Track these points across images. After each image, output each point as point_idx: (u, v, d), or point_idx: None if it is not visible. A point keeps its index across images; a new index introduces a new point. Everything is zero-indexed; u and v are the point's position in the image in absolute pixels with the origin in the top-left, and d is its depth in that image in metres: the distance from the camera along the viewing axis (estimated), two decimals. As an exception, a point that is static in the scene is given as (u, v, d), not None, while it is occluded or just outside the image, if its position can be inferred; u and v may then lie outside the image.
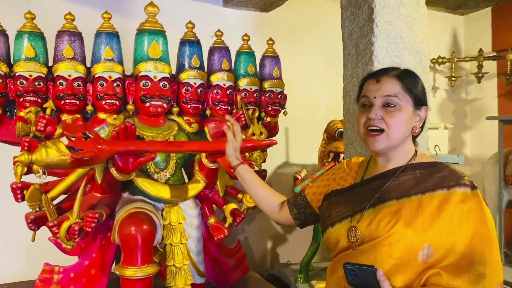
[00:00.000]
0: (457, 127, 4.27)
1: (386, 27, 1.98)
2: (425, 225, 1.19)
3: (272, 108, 2.45)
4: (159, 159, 2.05)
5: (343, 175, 1.46)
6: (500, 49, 4.01)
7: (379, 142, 1.26)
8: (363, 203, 1.31)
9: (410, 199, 1.24)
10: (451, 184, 1.23)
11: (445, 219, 1.19)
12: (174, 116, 2.22)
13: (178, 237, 2.01)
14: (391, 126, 1.24)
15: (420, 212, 1.21)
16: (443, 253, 1.18)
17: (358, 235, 1.26)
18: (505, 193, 3.12)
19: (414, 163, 1.32)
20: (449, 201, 1.21)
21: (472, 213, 1.20)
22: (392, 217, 1.22)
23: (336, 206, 1.38)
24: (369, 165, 1.42)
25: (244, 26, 3.27)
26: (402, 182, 1.29)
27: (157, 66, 2.08)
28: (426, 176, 1.28)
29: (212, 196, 2.27)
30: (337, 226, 1.34)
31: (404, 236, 1.19)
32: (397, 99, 1.25)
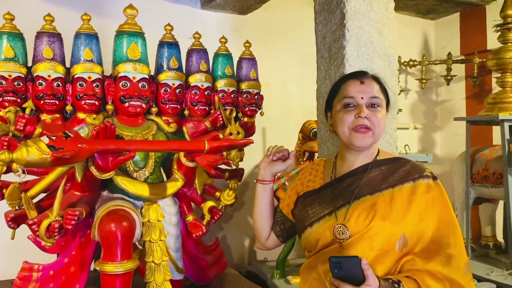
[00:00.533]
0: (428, 127, 4.43)
1: (357, 32, 2.08)
2: (400, 216, 1.30)
3: (249, 109, 2.53)
4: (138, 158, 2.10)
5: (311, 178, 1.51)
6: (468, 53, 4.19)
7: (367, 139, 1.34)
8: (339, 201, 1.38)
9: (383, 194, 1.34)
10: (415, 176, 1.35)
11: (416, 209, 1.31)
12: (153, 116, 2.27)
13: (157, 234, 2.06)
14: (376, 125, 1.34)
15: (394, 205, 1.31)
16: (415, 240, 1.29)
17: (347, 232, 1.32)
18: (472, 190, 3.27)
19: (378, 160, 1.43)
20: (416, 192, 1.32)
21: (436, 201, 1.32)
22: (369, 212, 1.31)
23: (311, 206, 1.43)
24: (336, 165, 1.49)
25: (222, 28, 3.35)
26: (371, 178, 1.38)
27: (136, 67, 2.13)
28: (392, 171, 1.38)
29: (190, 194, 2.33)
30: (316, 226, 1.39)
31: (383, 228, 1.28)
32: (379, 99, 1.36)
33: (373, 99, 1.35)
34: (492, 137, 3.98)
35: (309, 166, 1.56)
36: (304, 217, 1.43)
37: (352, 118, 1.35)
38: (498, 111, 3.13)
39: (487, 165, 3.17)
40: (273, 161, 1.51)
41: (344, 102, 1.38)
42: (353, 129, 1.35)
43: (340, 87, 1.42)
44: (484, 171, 3.19)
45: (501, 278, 2.84)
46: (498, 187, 3.08)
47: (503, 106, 3.17)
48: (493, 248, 3.42)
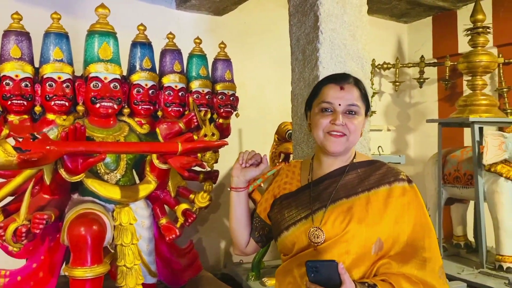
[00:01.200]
0: (401, 129, 4.50)
1: (331, 34, 2.09)
2: (376, 219, 1.30)
3: (224, 110, 2.52)
4: (109, 160, 2.06)
5: (287, 180, 1.50)
6: (440, 56, 4.28)
7: (340, 145, 1.34)
8: (315, 204, 1.37)
9: (359, 197, 1.34)
10: (391, 180, 1.36)
11: (392, 212, 1.31)
12: (125, 117, 2.23)
13: (129, 238, 2.03)
14: (351, 132, 1.33)
15: (370, 208, 1.31)
16: (390, 243, 1.29)
17: (323, 236, 1.31)
18: (444, 191, 3.33)
19: (355, 163, 1.43)
20: (392, 195, 1.33)
21: (411, 204, 1.33)
22: (346, 215, 1.31)
23: (288, 209, 1.42)
24: (313, 167, 1.49)
25: (197, 29, 3.32)
26: (347, 181, 1.38)
27: (107, 67, 2.09)
28: (368, 174, 1.39)
29: (163, 197, 2.30)
30: (293, 230, 1.37)
31: (359, 232, 1.28)
32: (357, 107, 1.34)
33: (351, 106, 1.34)
34: (463, 138, 4.07)
35: (285, 168, 1.55)
36: (280, 220, 1.42)
37: (327, 123, 1.35)
38: (468, 113, 3.20)
39: (458, 166, 3.24)
40: (246, 167, 1.47)
41: (321, 106, 1.37)
42: (327, 133, 1.35)
43: (321, 89, 1.40)
44: (455, 172, 3.25)
45: (471, 277, 2.89)
46: (469, 188, 3.14)
47: (473, 108, 3.24)
48: (464, 247, 3.48)
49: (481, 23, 3.27)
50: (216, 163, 2.42)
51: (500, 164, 2.90)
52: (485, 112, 3.22)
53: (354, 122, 1.34)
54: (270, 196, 1.50)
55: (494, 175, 2.95)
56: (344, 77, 1.40)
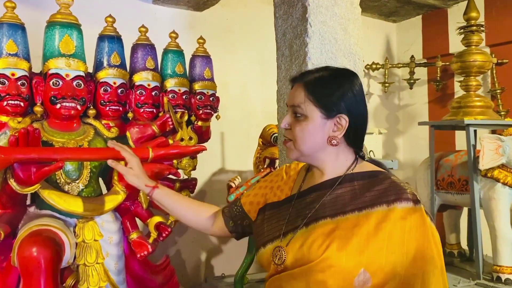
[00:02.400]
0: (390, 132, 4.34)
1: (320, 27, 1.89)
2: (361, 246, 1.05)
3: (203, 112, 2.29)
4: (70, 168, 1.82)
5: (281, 184, 1.30)
6: (430, 56, 4.12)
7: (289, 152, 1.19)
8: (297, 220, 1.16)
9: (346, 218, 1.10)
10: (390, 199, 1.10)
11: (384, 238, 1.06)
12: (90, 120, 1.98)
13: (94, 256, 1.78)
14: (295, 137, 1.17)
15: (356, 232, 1.07)
16: (382, 278, 1.05)
17: (283, 257, 1.12)
18: (437, 197, 3.17)
19: (353, 173, 1.18)
20: (388, 218, 1.08)
21: (414, 230, 1.07)
22: (325, 239, 1.08)
23: (269, 222, 1.23)
24: (307, 174, 1.28)
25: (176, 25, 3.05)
26: (338, 196, 1.15)
27: (69, 63, 1.84)
28: (365, 189, 1.14)
29: (134, 209, 2.06)
30: (269, 247, 1.18)
31: (338, 261, 1.05)
32: (300, 108, 1.15)
33: (294, 107, 1.17)
34: (455, 142, 3.92)
35: (285, 168, 1.35)
36: (260, 233, 1.24)
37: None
38: (463, 116, 3.04)
39: (452, 171, 3.07)
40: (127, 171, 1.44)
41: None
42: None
43: None
44: (449, 178, 3.09)
45: (468, 289, 2.73)
46: (464, 194, 2.98)
47: (467, 110, 3.07)
48: (458, 256, 3.33)
49: (475, 21, 3.11)
50: (194, 170, 2.19)
51: (497, 169, 2.74)
52: (480, 114, 3.06)
53: (298, 125, 1.16)
54: (261, 196, 1.32)
55: (490, 181, 2.79)
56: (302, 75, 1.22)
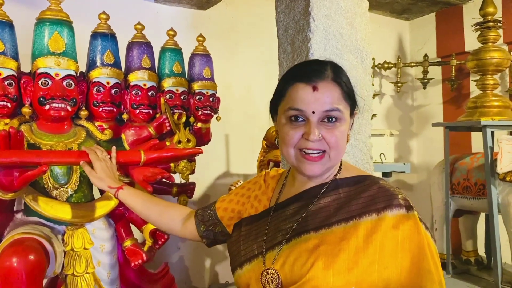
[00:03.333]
0: (404, 134, 4.18)
1: (324, 22, 1.77)
2: (350, 262, 0.92)
3: (203, 113, 2.17)
4: (59, 172, 1.72)
5: (258, 194, 1.15)
6: (445, 55, 3.96)
7: (319, 166, 1.00)
8: (277, 236, 1.02)
9: (331, 230, 0.97)
10: (380, 206, 0.97)
11: (375, 251, 0.93)
12: (83, 121, 1.89)
13: (83, 266, 1.68)
14: (333, 147, 0.98)
15: (343, 247, 0.94)
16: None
17: (278, 280, 0.98)
18: (452, 202, 3.02)
19: (337, 180, 1.05)
20: (378, 229, 0.94)
21: (408, 241, 0.95)
22: (309, 256, 0.95)
23: (245, 240, 1.09)
24: (286, 183, 1.13)
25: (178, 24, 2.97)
26: (322, 207, 1.02)
27: (59, 61, 1.75)
28: (351, 197, 1.01)
29: (128, 215, 1.95)
30: (246, 268, 1.05)
31: (324, 281, 0.92)
32: (338, 112, 0.98)
33: (330, 112, 0.97)
34: (471, 144, 3.75)
35: (264, 176, 1.20)
36: (236, 253, 1.09)
37: (299, 137, 0.99)
38: (479, 116, 2.88)
39: (468, 174, 2.92)
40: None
41: (289, 114, 0.99)
42: (300, 151, 0.99)
43: (287, 90, 1.01)
44: (465, 181, 2.93)
45: (485, 299, 2.58)
46: (481, 199, 2.83)
47: (484, 110, 2.92)
48: (475, 263, 3.18)
49: (492, 16, 2.95)
50: (192, 174, 2.08)
51: (516, 173, 2.58)
52: (497, 115, 2.90)
53: (335, 133, 0.98)
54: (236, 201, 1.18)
55: (509, 185, 2.63)
56: (317, 72, 1.00)
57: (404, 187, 4.02)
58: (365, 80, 1.88)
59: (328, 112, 0.97)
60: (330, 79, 0.99)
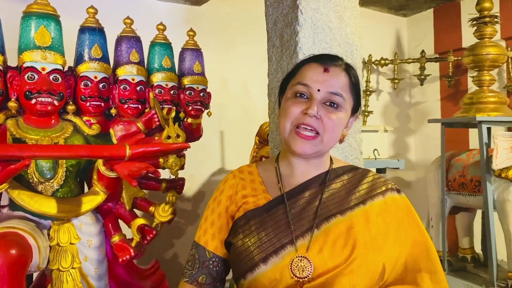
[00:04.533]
0: (401, 131, 4.15)
1: (312, 15, 1.74)
2: (380, 242, 1.01)
3: (193, 108, 2.16)
4: (45, 166, 1.71)
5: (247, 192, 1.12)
6: (442, 51, 3.93)
7: (310, 147, 1.03)
8: (302, 224, 1.03)
9: (355, 213, 1.04)
10: (382, 190, 1.09)
11: (391, 231, 1.04)
12: (70, 116, 1.88)
13: (69, 261, 1.67)
14: (327, 130, 1.02)
15: (372, 227, 1.02)
16: (390, 268, 1.02)
17: (310, 267, 0.97)
18: (448, 199, 2.99)
19: (336, 169, 1.14)
20: (388, 209, 1.06)
21: (406, 219, 1.07)
22: (347, 238, 1.00)
23: (265, 231, 1.03)
24: (281, 174, 1.14)
25: (173, 20, 2.96)
26: (334, 192, 1.08)
27: (45, 55, 1.74)
28: (354, 183, 1.10)
29: (116, 210, 1.94)
30: (274, 262, 0.99)
31: (367, 259, 0.98)
32: (341, 98, 1.03)
33: (333, 96, 1.03)
34: (468, 140, 3.72)
35: (237, 175, 1.17)
36: (253, 248, 1.02)
37: (298, 112, 1.03)
38: (475, 112, 2.86)
39: (464, 171, 2.89)
40: None
41: (295, 89, 1.06)
42: (295, 127, 1.03)
43: (299, 68, 1.10)
44: (461, 178, 2.91)
45: (481, 297, 2.56)
46: (476, 195, 2.80)
47: (480, 106, 2.89)
48: (471, 261, 3.15)
49: (488, 11, 2.92)
50: (182, 169, 2.06)
51: (512, 169, 2.55)
52: (493, 111, 2.87)
53: (333, 117, 1.02)
54: (223, 216, 1.12)
55: (505, 182, 2.60)
56: (333, 58, 1.10)
57: (402, 184, 4.00)
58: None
59: (332, 95, 1.03)
60: (342, 67, 1.08)
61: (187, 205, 3.17)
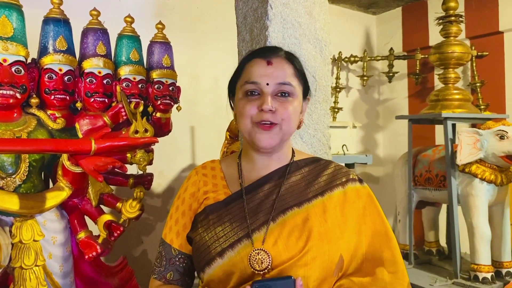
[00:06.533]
0: (370, 127, 4.23)
1: (282, 10, 1.75)
2: (337, 232, 1.02)
3: (162, 102, 2.13)
4: (6, 161, 1.65)
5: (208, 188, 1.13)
6: (410, 49, 4.02)
7: (272, 138, 1.04)
8: (258, 217, 1.04)
9: (312, 204, 1.05)
10: (343, 180, 1.10)
11: (350, 221, 1.04)
12: (34, 110, 1.82)
13: (32, 258, 1.63)
14: (285, 119, 1.04)
15: (329, 218, 1.03)
16: (349, 260, 1.03)
17: (269, 259, 0.98)
18: (415, 193, 3.06)
19: (297, 161, 1.14)
20: (347, 200, 1.07)
21: (367, 209, 1.08)
22: (302, 230, 1.00)
23: (221, 226, 1.05)
24: (242, 168, 1.15)
25: (142, 14, 2.91)
26: (293, 184, 1.08)
27: (7, 46, 1.67)
28: (315, 175, 1.11)
29: (82, 206, 1.90)
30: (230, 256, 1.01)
31: (321, 250, 0.98)
32: (291, 86, 1.05)
33: (283, 86, 1.05)
34: (434, 136, 3.82)
35: (200, 171, 1.18)
36: (211, 242, 1.04)
37: (255, 110, 1.04)
38: (441, 109, 2.93)
39: (430, 166, 2.97)
40: None
41: (245, 88, 1.06)
42: (256, 123, 1.04)
43: (244, 67, 1.10)
44: (427, 173, 2.98)
45: (445, 289, 2.63)
46: (441, 190, 2.88)
47: (446, 103, 2.97)
48: (436, 254, 3.24)
49: (454, 10, 3.00)
50: (150, 165, 2.02)
51: (475, 164, 2.63)
52: (458, 108, 2.96)
53: (287, 106, 1.05)
54: (186, 214, 1.13)
55: (468, 176, 2.68)
56: (273, 50, 1.11)
57: (370, 180, 4.07)
58: (324, 70, 1.87)
59: (281, 86, 1.04)
60: (283, 56, 1.09)
61: (156, 202, 3.13)
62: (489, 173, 2.59)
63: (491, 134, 2.56)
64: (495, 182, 2.58)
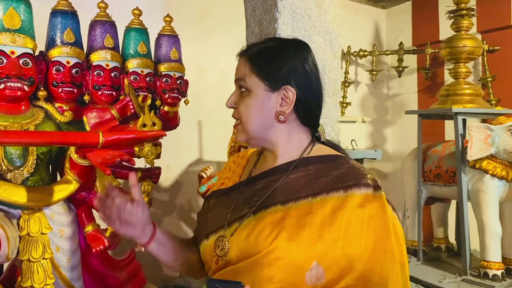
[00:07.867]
0: (379, 122, 4.19)
1: (292, 2, 1.73)
2: (314, 236, 0.93)
3: (170, 96, 2.11)
4: (14, 154, 1.65)
5: (229, 174, 1.20)
6: (420, 44, 3.97)
7: (240, 133, 1.09)
8: (244, 208, 1.05)
9: (298, 204, 0.99)
10: (349, 184, 0.99)
11: (340, 228, 0.94)
12: (41, 102, 1.81)
13: (40, 251, 1.62)
14: (241, 115, 1.07)
15: (309, 221, 0.95)
16: (337, 273, 0.92)
17: (226, 248, 1.00)
18: (424, 189, 3.03)
19: (308, 157, 1.07)
20: (345, 205, 0.96)
21: (373, 220, 0.96)
22: (274, 228, 0.96)
23: (213, 211, 1.12)
24: (259, 160, 1.17)
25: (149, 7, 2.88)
26: (291, 181, 1.04)
27: (15, 39, 1.66)
28: (321, 174, 1.03)
29: (90, 200, 1.89)
30: (212, 238, 1.07)
31: (287, 252, 0.93)
32: (244, 82, 1.07)
33: (239, 81, 1.10)
34: (444, 132, 3.78)
35: (233, 158, 1.25)
36: (203, 224, 1.13)
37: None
38: (451, 104, 2.89)
39: (440, 162, 2.93)
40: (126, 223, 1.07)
41: None
42: None
43: None
44: (436, 169, 2.95)
45: (454, 285, 2.60)
46: (451, 186, 2.84)
47: (456, 98, 2.93)
48: (445, 250, 3.21)
49: (465, 4, 2.95)
50: (158, 158, 2.01)
51: (486, 160, 2.59)
52: (469, 103, 2.92)
53: (244, 102, 1.07)
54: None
55: (479, 172, 2.65)
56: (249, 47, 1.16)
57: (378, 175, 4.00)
58: (333, 63, 1.85)
59: (238, 81, 1.09)
60: (246, 54, 1.11)
61: (163, 196, 3.13)
62: (500, 169, 2.55)
63: (503, 130, 2.52)
64: (506, 178, 2.55)
